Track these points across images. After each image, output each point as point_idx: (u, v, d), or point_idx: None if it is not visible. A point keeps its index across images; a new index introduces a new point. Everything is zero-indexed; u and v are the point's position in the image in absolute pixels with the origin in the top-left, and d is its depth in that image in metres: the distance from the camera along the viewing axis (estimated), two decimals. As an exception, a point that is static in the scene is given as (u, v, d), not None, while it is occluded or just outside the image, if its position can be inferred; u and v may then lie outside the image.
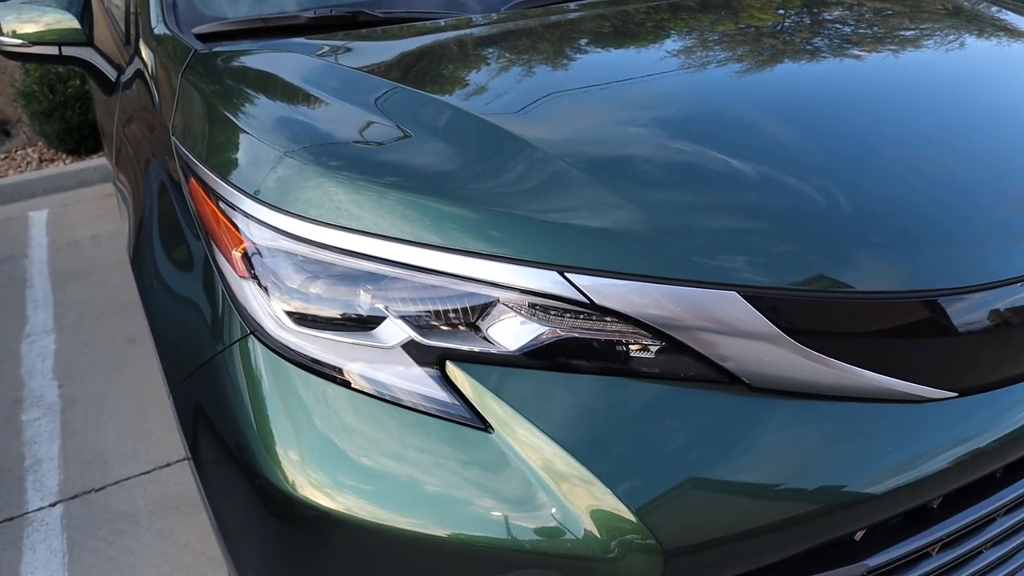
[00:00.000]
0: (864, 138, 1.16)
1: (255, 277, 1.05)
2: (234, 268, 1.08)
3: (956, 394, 1.03)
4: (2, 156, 5.26)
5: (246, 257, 1.07)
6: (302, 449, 0.97)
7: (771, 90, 1.27)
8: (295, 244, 1.03)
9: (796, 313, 0.96)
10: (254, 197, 1.07)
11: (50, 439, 2.55)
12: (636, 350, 0.96)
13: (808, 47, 1.47)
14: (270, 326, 1.03)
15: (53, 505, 2.26)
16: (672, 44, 1.49)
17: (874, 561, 1.00)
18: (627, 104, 1.23)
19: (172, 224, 1.29)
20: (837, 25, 1.61)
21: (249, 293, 1.05)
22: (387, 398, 0.97)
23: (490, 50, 1.43)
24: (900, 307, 0.99)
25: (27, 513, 2.24)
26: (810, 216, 1.02)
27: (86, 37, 1.86)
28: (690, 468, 0.92)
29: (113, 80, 1.90)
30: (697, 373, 0.96)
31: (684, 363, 0.96)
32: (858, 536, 1.02)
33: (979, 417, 1.04)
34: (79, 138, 5.00)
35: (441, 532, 0.92)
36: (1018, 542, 1.18)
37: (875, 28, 1.57)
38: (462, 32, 1.53)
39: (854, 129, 1.18)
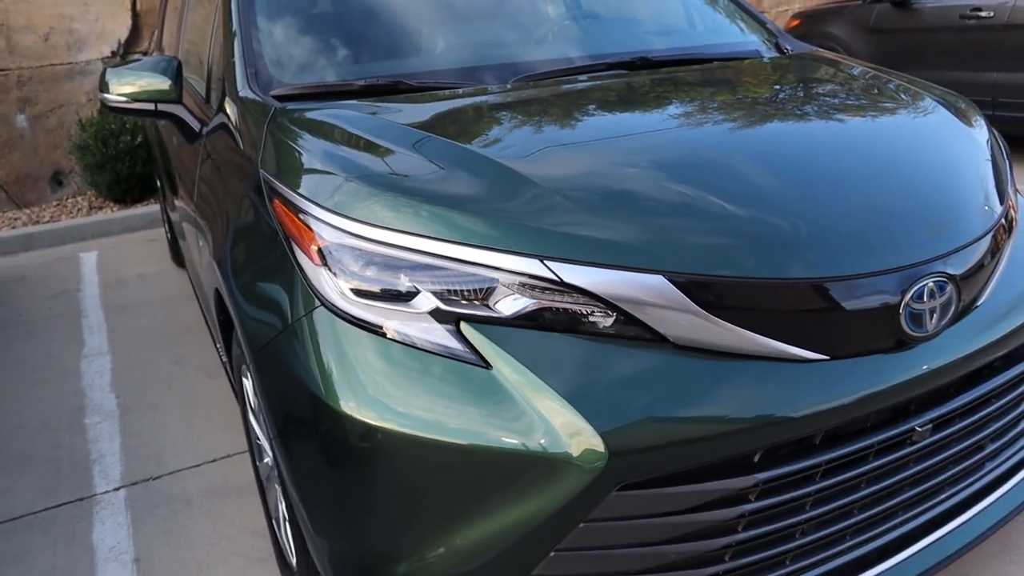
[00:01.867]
0: (771, 170, 1.59)
1: (327, 265, 1.47)
2: (311, 260, 1.50)
3: (828, 357, 1.43)
4: (55, 203, 5.76)
5: (320, 252, 1.49)
6: (359, 384, 1.37)
7: (706, 143, 1.70)
8: (356, 241, 1.45)
9: (708, 292, 1.37)
10: (326, 208, 1.50)
11: (111, 439, 2.94)
12: (594, 316, 1.37)
13: (747, 116, 1.91)
14: (336, 299, 1.44)
15: (117, 489, 2.64)
16: (637, 113, 1.93)
17: (764, 475, 1.38)
18: (598, 155, 1.66)
19: (255, 233, 1.72)
20: (769, 98, 2.05)
21: (322, 277, 1.47)
22: (418, 347, 1.37)
23: (502, 112, 1.88)
24: (787, 289, 1.40)
25: (95, 495, 2.61)
26: (721, 223, 1.44)
27: (177, 96, 2.33)
28: (629, 399, 1.32)
29: (197, 130, 2.36)
30: (636, 334, 1.37)
31: (627, 327, 1.37)
32: (756, 457, 1.40)
33: (846, 376, 1.43)
34: (126, 188, 5.50)
35: (456, 440, 1.31)
36: (892, 481, 1.56)
37: (802, 98, 2.01)
38: (478, 99, 1.98)
39: (763, 165, 1.61)
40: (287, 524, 1.95)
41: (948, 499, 1.74)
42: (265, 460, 2.16)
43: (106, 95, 2.34)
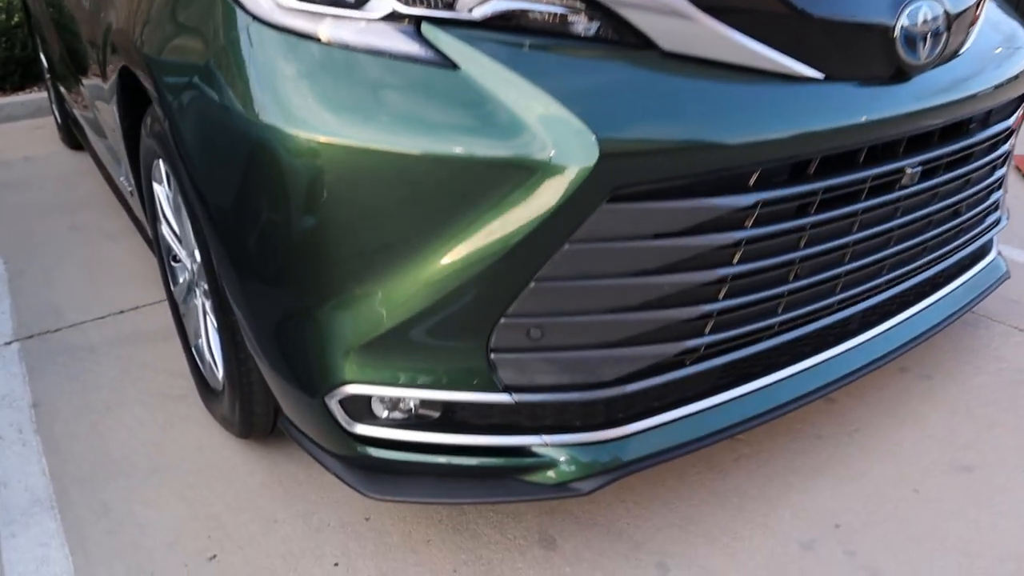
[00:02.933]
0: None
1: (256, -27, 1.24)
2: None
3: (824, 76, 1.30)
4: (-79, 93, 5.16)
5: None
6: (306, 101, 1.17)
7: None
8: None
9: None
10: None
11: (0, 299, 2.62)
12: (577, 18, 1.19)
13: None
14: (271, 12, 1.22)
15: (8, 344, 2.34)
16: None
17: (761, 196, 1.26)
18: None
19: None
20: None
21: (253, -13, 1.24)
22: (374, 53, 1.17)
23: None
24: None
25: (-17, 349, 2.32)
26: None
27: None
28: (618, 100, 1.16)
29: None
30: (623, 39, 1.21)
31: (612, 29, 1.20)
32: (752, 180, 1.27)
33: (842, 99, 1.31)
34: (3, 74, 4.97)
35: (427, 150, 1.12)
36: (881, 229, 1.47)
37: None
38: None
39: None
40: (214, 332, 1.74)
41: (925, 268, 1.68)
42: (181, 280, 1.93)
43: None
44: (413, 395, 1.27)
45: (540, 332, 1.24)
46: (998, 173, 1.75)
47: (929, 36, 1.40)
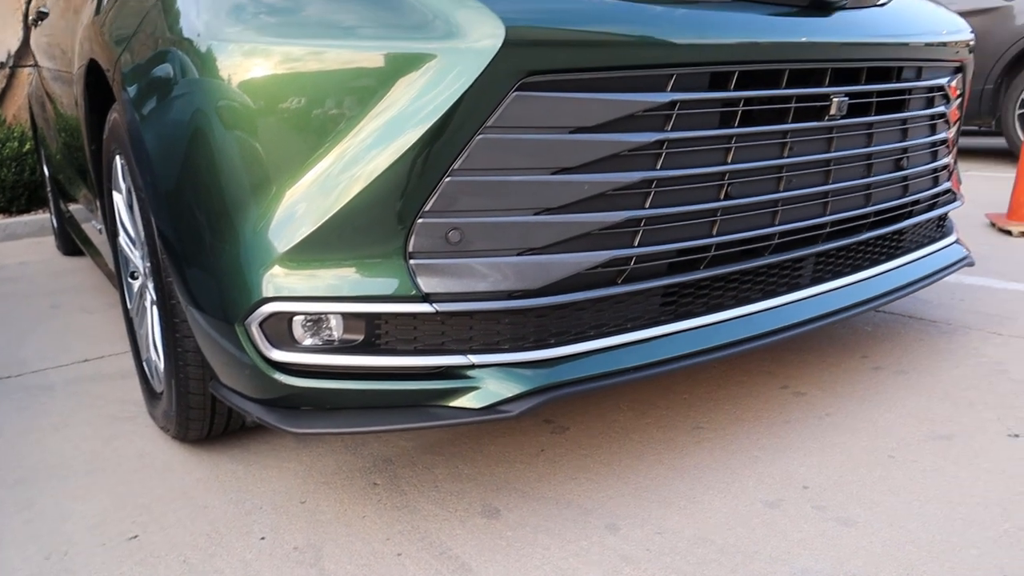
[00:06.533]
0: None
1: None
2: None
3: (733, -5, 1.35)
4: (-68, 219, 5.36)
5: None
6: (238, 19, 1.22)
7: None
8: None
9: None
10: None
11: (-34, 357, 2.59)
12: None
13: None
14: None
15: (-34, 387, 2.30)
16: None
17: (680, 96, 1.26)
18: None
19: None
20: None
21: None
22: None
23: None
24: None
25: (-61, 392, 2.27)
26: None
27: None
28: None
29: None
30: None
31: None
32: (669, 86, 1.28)
33: (758, 18, 1.35)
34: (12, 197, 5.18)
35: (326, 47, 1.16)
36: (813, 158, 1.46)
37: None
38: None
39: None
40: (158, 327, 1.71)
41: (873, 222, 1.66)
42: (136, 288, 1.92)
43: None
44: (333, 309, 1.23)
45: (459, 235, 1.21)
46: (939, 135, 1.76)
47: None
